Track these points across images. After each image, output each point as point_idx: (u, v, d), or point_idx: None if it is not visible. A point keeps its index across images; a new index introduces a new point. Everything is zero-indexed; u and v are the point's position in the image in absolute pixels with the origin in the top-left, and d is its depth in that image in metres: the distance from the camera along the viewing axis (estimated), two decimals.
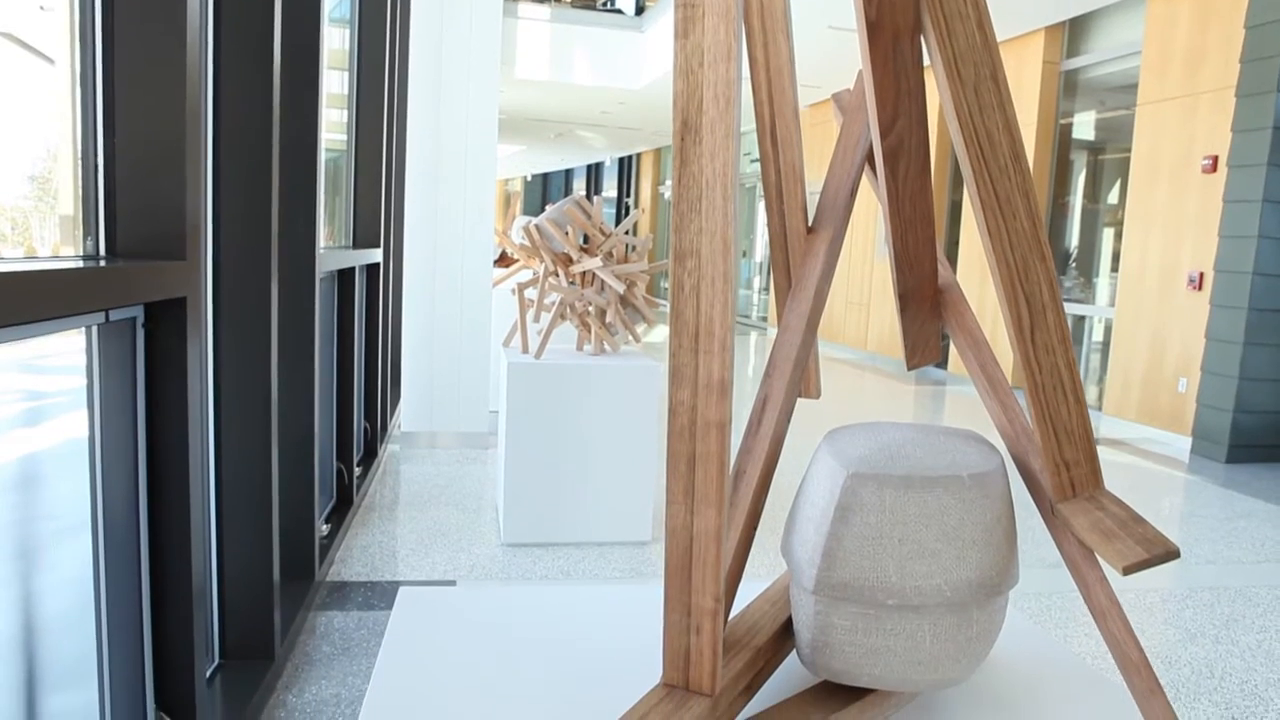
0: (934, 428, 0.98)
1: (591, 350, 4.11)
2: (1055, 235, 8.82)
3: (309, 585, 3.14)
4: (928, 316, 1.08)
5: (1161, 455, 6.64)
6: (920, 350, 1.10)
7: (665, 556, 0.83)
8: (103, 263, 1.63)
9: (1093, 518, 0.90)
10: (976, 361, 1.02)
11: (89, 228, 1.67)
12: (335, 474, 4.12)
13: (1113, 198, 8.39)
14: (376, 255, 4.91)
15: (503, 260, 6.91)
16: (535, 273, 4.06)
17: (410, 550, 3.86)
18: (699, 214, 0.79)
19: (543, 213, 4.05)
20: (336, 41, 4.52)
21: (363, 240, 4.90)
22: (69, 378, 1.67)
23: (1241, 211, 6.26)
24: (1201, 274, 6.62)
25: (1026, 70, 8.64)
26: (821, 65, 9.87)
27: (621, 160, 22.85)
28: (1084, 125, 8.73)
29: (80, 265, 1.53)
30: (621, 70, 11.97)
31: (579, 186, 26.18)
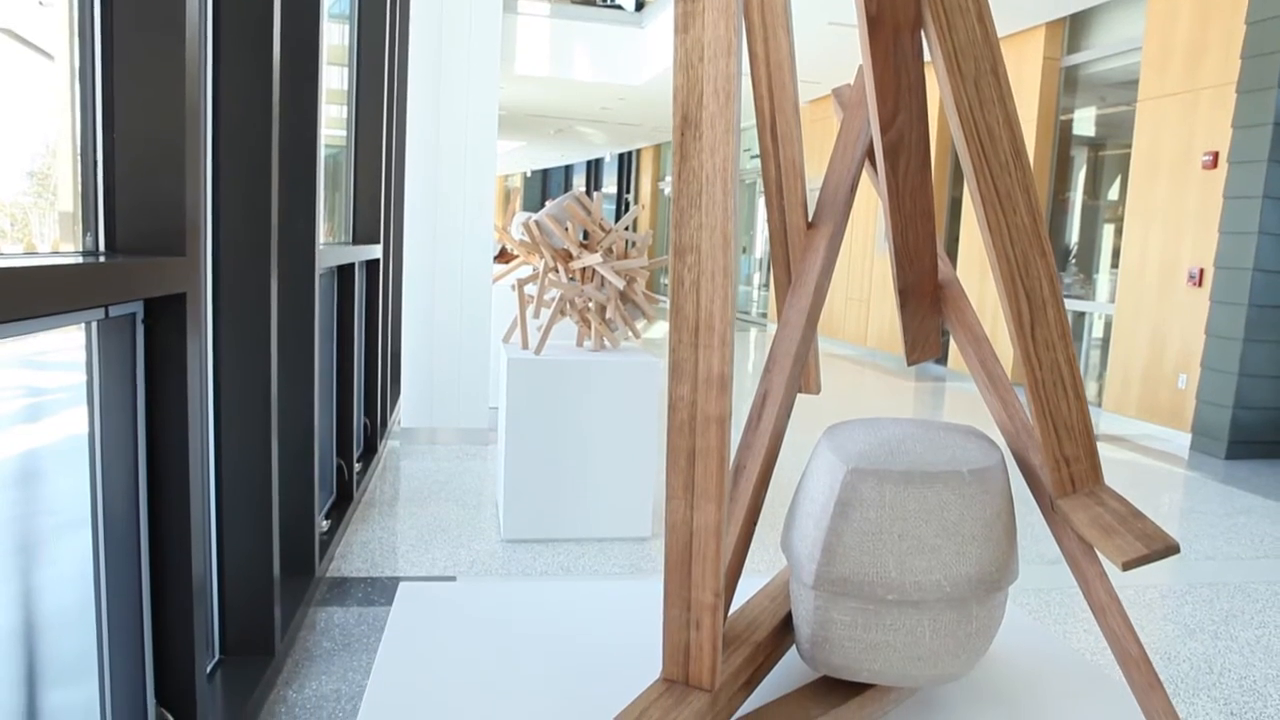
0: (934, 423, 0.98)
1: (591, 346, 4.11)
2: (1055, 231, 8.81)
3: (309, 581, 3.14)
4: (928, 312, 1.08)
5: (1161, 451, 6.65)
6: (920, 346, 1.10)
7: (665, 551, 0.83)
8: (102, 259, 1.63)
9: (1092, 513, 0.90)
10: (976, 357, 1.02)
11: (88, 224, 1.67)
12: (335, 470, 4.13)
13: (1113, 194, 8.39)
14: (376, 251, 4.91)
15: (502, 256, 6.91)
16: (535, 269, 4.06)
17: (410, 546, 3.86)
18: (699, 209, 0.79)
19: (543, 209, 4.05)
20: (336, 37, 4.51)
21: (362, 236, 4.90)
22: (69, 374, 1.67)
23: (1242, 208, 6.25)
24: (1201, 270, 6.62)
25: (1027, 66, 8.63)
26: (821, 61, 9.86)
27: (621, 156, 22.83)
28: (1084, 121, 8.72)
29: (80, 261, 1.52)
30: (621, 66, 11.96)
31: (579, 182, 26.17)
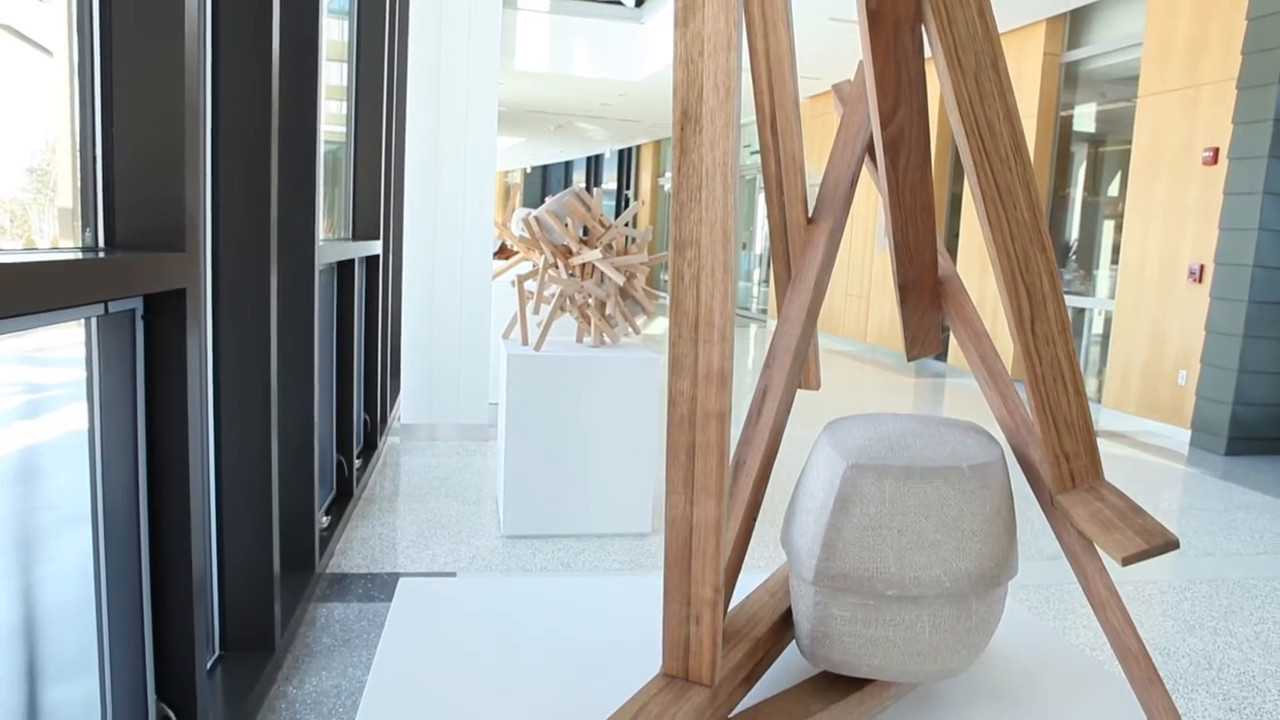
0: (934, 419, 0.98)
1: (591, 342, 4.10)
2: (1055, 228, 8.81)
3: (309, 577, 3.14)
4: (928, 308, 1.08)
5: (1161, 448, 6.65)
6: (920, 342, 1.10)
7: (665, 547, 0.83)
8: (102, 255, 1.62)
9: (1092, 509, 0.90)
10: (976, 353, 1.02)
11: (88, 219, 1.67)
12: (335, 466, 4.13)
13: (1113, 190, 8.38)
14: (376, 247, 4.90)
15: (502, 252, 6.90)
16: (535, 265, 4.06)
17: (410, 542, 3.86)
18: (699, 203, 0.79)
19: (542, 205, 4.05)
20: (335, 33, 4.51)
21: (362, 232, 4.89)
22: (68, 370, 1.67)
23: (1242, 204, 6.25)
24: (1202, 266, 6.62)
25: (1027, 62, 8.62)
26: (822, 57, 9.85)
27: (621, 152, 22.81)
28: (1084, 117, 8.71)
29: (79, 257, 1.52)
30: (621, 62, 11.94)
31: (579, 179, 26.14)
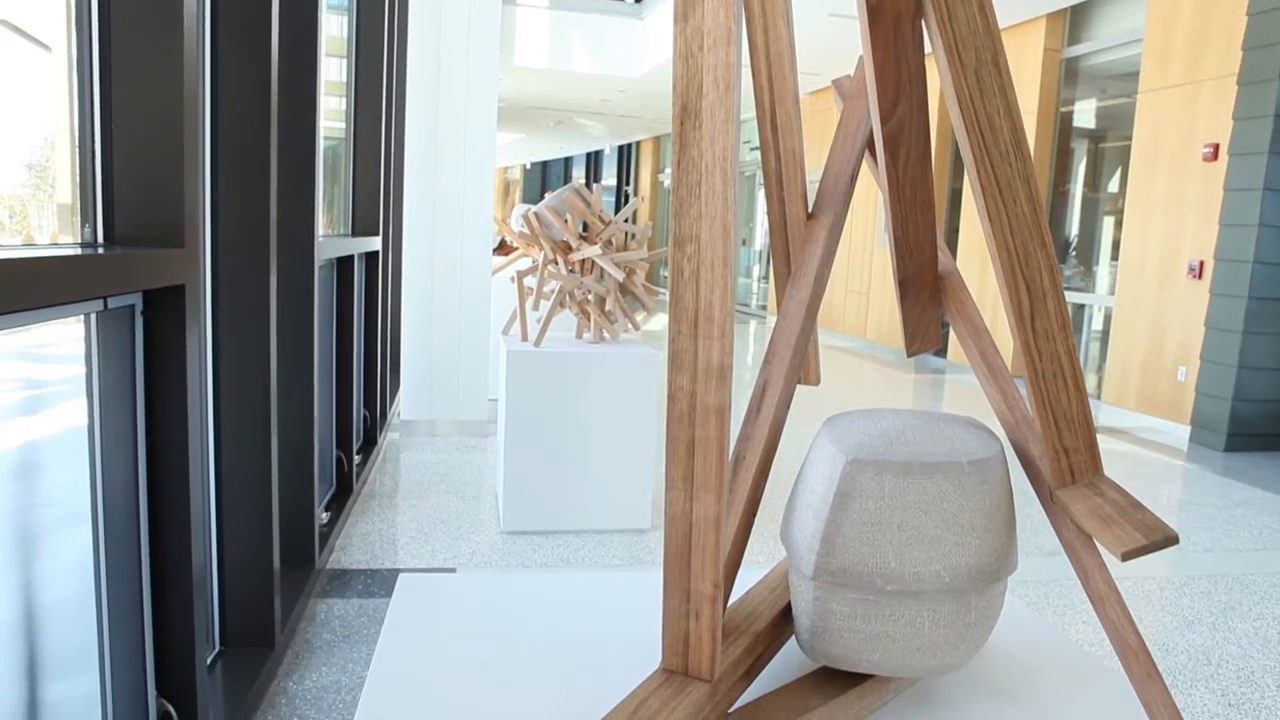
0: (934, 414, 0.98)
1: (591, 338, 4.10)
2: (1055, 224, 8.80)
3: (309, 573, 3.15)
4: (927, 303, 1.07)
5: (1160, 444, 6.65)
6: (920, 337, 1.09)
7: (664, 542, 0.83)
8: (101, 250, 1.62)
9: (1092, 504, 0.90)
10: (976, 349, 1.02)
11: (87, 215, 1.67)
12: (335, 462, 4.13)
13: (1113, 186, 8.38)
14: (375, 243, 4.90)
15: (502, 248, 6.90)
16: (534, 260, 4.05)
17: (410, 538, 3.87)
18: (698, 199, 0.79)
19: (542, 200, 4.04)
20: (335, 29, 4.50)
21: (361, 228, 4.89)
22: (68, 366, 1.67)
23: (1242, 200, 6.25)
24: (1201, 262, 6.62)
25: (1027, 58, 8.61)
26: (822, 52, 9.84)
27: (621, 148, 22.78)
28: (1085, 113, 8.70)
29: (78, 253, 1.52)
30: (621, 58, 11.92)
31: (578, 174, 26.12)
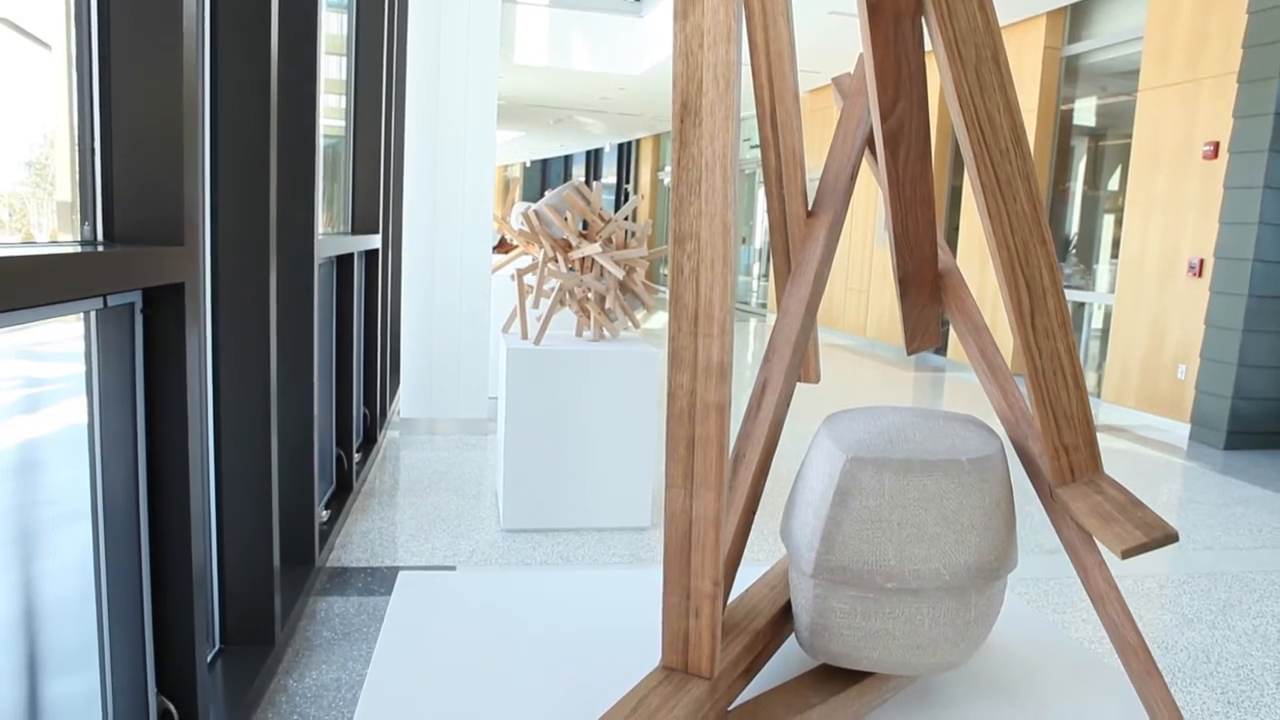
0: (933, 412, 0.98)
1: (591, 336, 4.10)
2: (1055, 222, 8.80)
3: (309, 571, 3.15)
4: (927, 301, 1.07)
5: (1160, 442, 6.65)
6: (920, 335, 1.09)
7: (664, 540, 0.83)
8: (100, 248, 1.62)
9: (1091, 502, 0.90)
10: (976, 346, 1.02)
11: (87, 213, 1.67)
12: (335, 460, 4.13)
13: (1113, 184, 8.37)
14: (375, 241, 4.90)
15: (502, 246, 6.90)
16: (534, 258, 4.05)
17: (410, 536, 3.87)
18: (698, 196, 0.79)
19: (542, 199, 4.04)
20: (334, 26, 4.50)
21: (361, 226, 4.89)
22: (68, 364, 1.67)
23: (1242, 198, 6.24)
24: (1201, 260, 6.61)
25: (1028, 56, 8.60)
26: (822, 51, 9.83)
27: (621, 146, 22.77)
28: (1085, 111, 8.70)
29: (78, 251, 1.52)
30: (621, 56, 11.92)
31: (578, 173, 26.11)
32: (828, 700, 0.90)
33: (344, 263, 4.25)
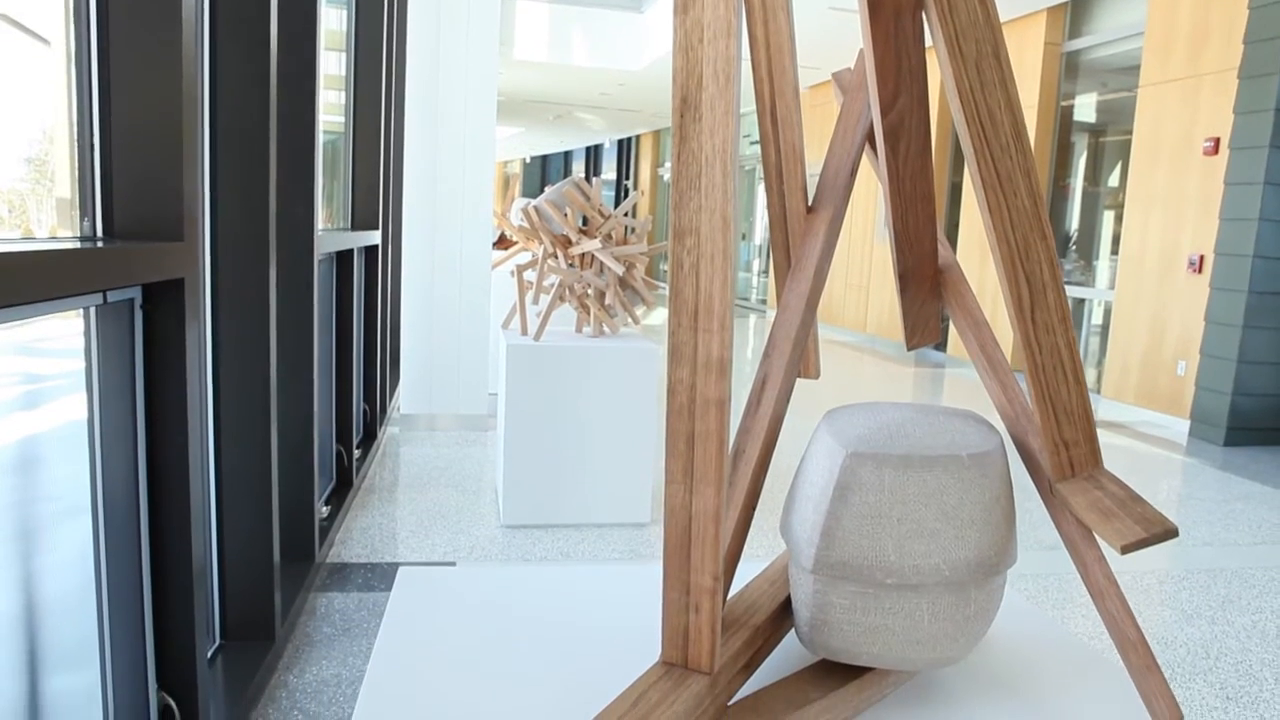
0: (933, 408, 0.98)
1: (590, 332, 4.10)
2: (1055, 218, 8.79)
3: (309, 567, 3.15)
4: (928, 297, 1.07)
5: (1160, 438, 6.66)
6: (920, 330, 1.09)
7: (664, 535, 0.83)
8: (100, 244, 1.62)
9: (1091, 497, 0.90)
10: (976, 342, 1.02)
11: (86, 209, 1.67)
12: (335, 456, 4.13)
13: (1113, 180, 8.37)
14: (375, 237, 4.90)
15: (501, 242, 6.89)
16: (534, 255, 4.05)
17: (410, 532, 3.87)
18: (698, 191, 0.79)
19: (541, 195, 4.04)
20: (334, 22, 4.49)
21: (361, 222, 4.89)
22: (68, 360, 1.67)
23: (1243, 194, 6.24)
24: (1202, 257, 6.61)
25: (1028, 52, 8.59)
26: (822, 46, 9.82)
27: (621, 142, 22.75)
28: (1085, 107, 8.69)
29: (77, 246, 1.52)
30: (621, 52, 11.90)
31: (578, 168, 26.09)
32: (827, 695, 0.90)
33: (344, 259, 4.25)
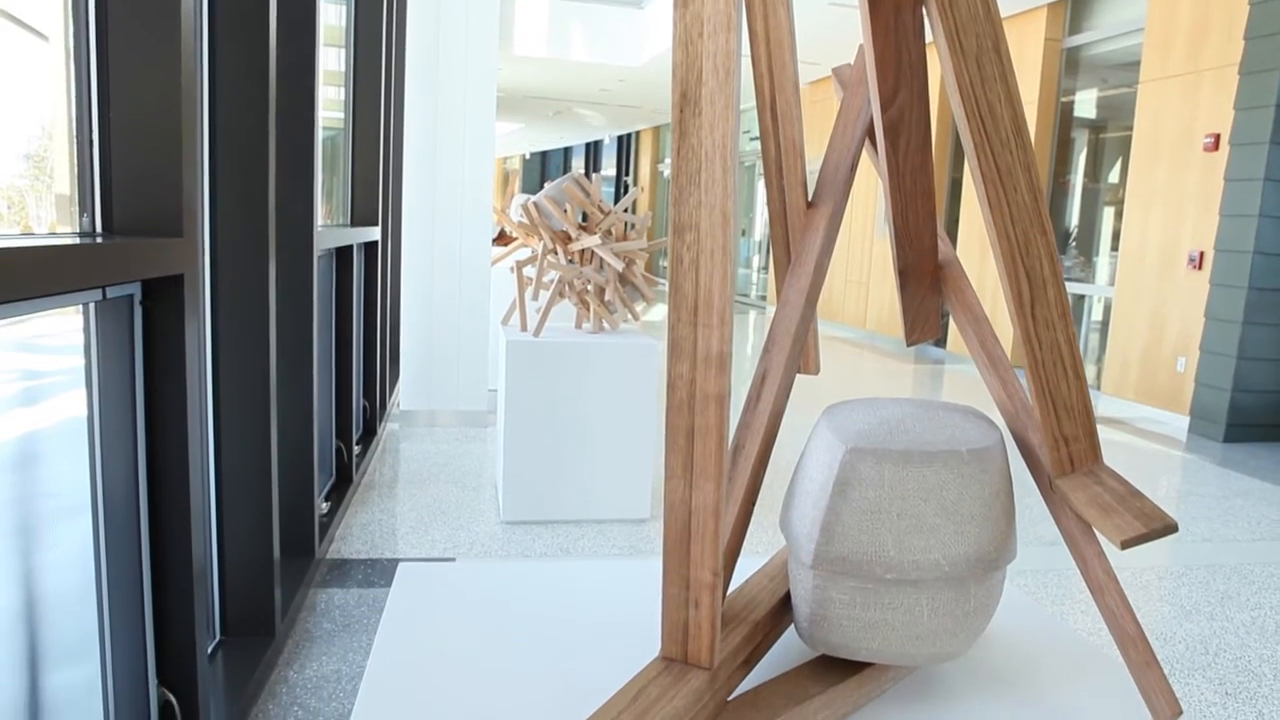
0: (933, 403, 0.98)
1: (590, 328, 4.10)
2: (1055, 214, 8.79)
3: (309, 563, 3.15)
4: (927, 292, 1.07)
5: (1159, 434, 6.66)
6: (920, 326, 1.09)
7: (664, 530, 0.83)
8: (99, 240, 1.62)
9: (1091, 492, 0.90)
10: (976, 338, 1.02)
11: (85, 205, 1.67)
12: (335, 452, 4.13)
13: (1113, 176, 8.36)
14: (374, 233, 4.89)
15: (501, 238, 6.89)
16: (534, 250, 4.05)
17: (410, 528, 3.87)
18: (698, 186, 0.78)
19: (541, 190, 4.04)
20: (333, 17, 4.48)
21: (360, 218, 4.88)
22: (67, 357, 1.67)
23: (1243, 190, 6.24)
24: (1202, 253, 6.61)
25: (1028, 48, 8.58)
26: (822, 42, 9.81)
27: (620, 138, 22.73)
28: (1085, 103, 8.68)
29: (77, 242, 1.52)
30: (621, 47, 11.88)
31: (578, 164, 26.06)
32: (827, 691, 0.90)
33: (343, 255, 4.25)
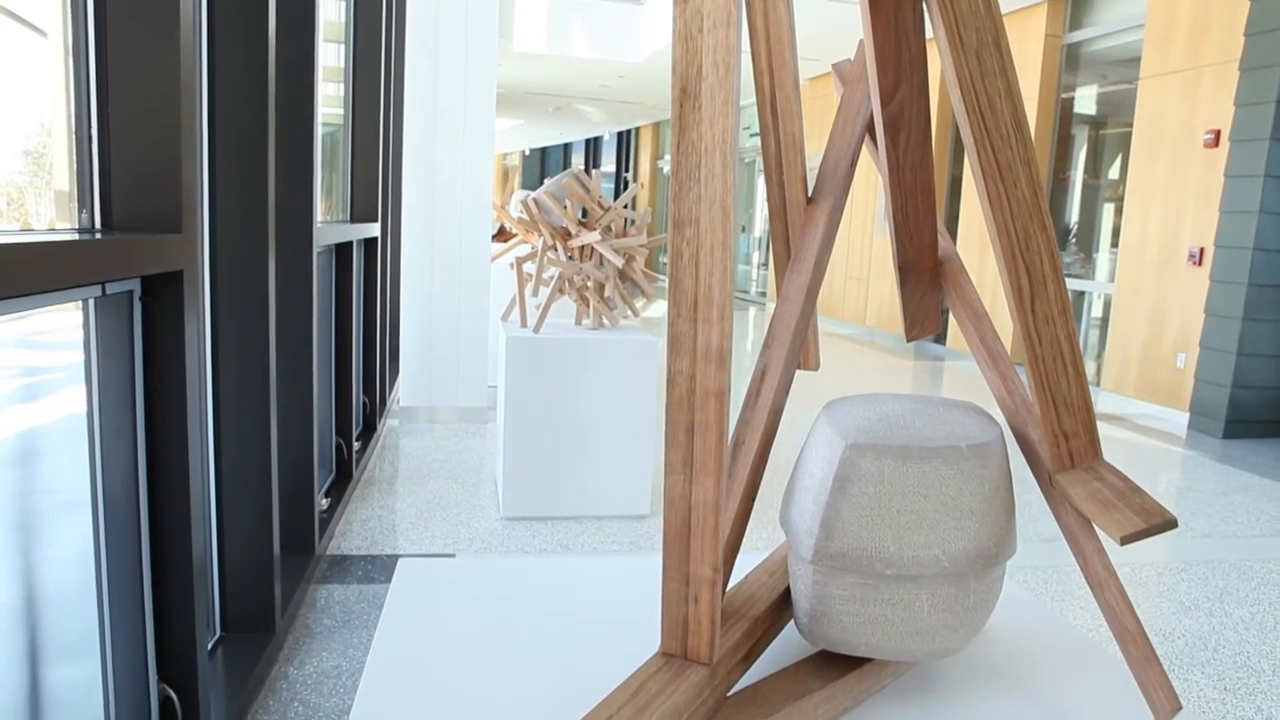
0: (933, 399, 0.98)
1: (590, 324, 4.10)
2: (1055, 210, 8.79)
3: (309, 559, 3.15)
4: (927, 288, 1.07)
5: (1159, 430, 6.66)
6: (920, 322, 1.09)
7: (664, 526, 0.83)
8: (99, 236, 1.62)
9: (1091, 488, 0.90)
10: (976, 333, 1.02)
11: (84, 201, 1.66)
12: (334, 448, 4.13)
13: (1113, 172, 8.36)
14: (374, 229, 4.89)
15: (501, 234, 6.88)
16: (534, 247, 4.05)
17: (410, 524, 3.87)
18: (698, 181, 0.78)
19: (541, 187, 4.03)
20: (332, 13, 4.48)
21: (360, 214, 4.88)
22: (67, 353, 1.67)
23: (1243, 186, 6.23)
24: (1202, 249, 6.61)
25: (1028, 44, 8.57)
26: (822, 38, 9.80)
27: (620, 135, 22.71)
28: (1085, 99, 8.67)
29: (76, 238, 1.52)
30: (620, 43, 11.87)
31: (577, 161, 26.04)
32: (826, 686, 0.90)
33: (343, 251, 4.24)
